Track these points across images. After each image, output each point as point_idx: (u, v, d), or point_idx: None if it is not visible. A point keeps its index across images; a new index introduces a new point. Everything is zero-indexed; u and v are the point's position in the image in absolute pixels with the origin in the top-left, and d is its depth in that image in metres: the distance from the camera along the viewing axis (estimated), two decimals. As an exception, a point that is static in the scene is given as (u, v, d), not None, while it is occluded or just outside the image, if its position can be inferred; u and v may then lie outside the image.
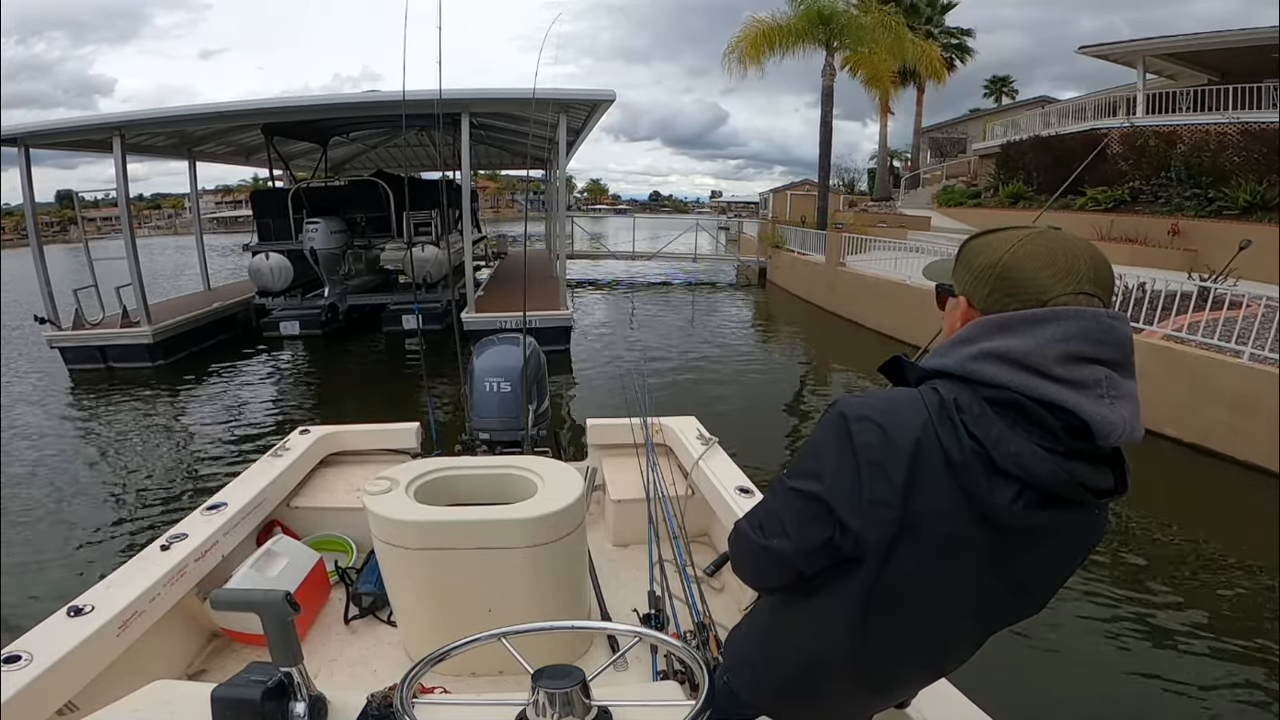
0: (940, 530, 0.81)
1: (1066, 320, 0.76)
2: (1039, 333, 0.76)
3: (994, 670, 1.78)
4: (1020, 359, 0.76)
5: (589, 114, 10.77)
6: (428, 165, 17.39)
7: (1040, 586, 0.92)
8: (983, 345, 0.79)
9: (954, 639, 0.96)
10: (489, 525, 1.85)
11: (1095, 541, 0.91)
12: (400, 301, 10.95)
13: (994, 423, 0.77)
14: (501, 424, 3.11)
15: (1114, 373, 0.77)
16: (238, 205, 55.00)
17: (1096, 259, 0.80)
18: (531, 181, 16.42)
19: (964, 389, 0.80)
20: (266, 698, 0.99)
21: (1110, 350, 0.76)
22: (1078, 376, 0.75)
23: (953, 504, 0.80)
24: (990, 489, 0.77)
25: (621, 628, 1.46)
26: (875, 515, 0.81)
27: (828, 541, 0.86)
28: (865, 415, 0.82)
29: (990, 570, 0.85)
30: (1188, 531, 4.76)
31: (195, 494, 5.26)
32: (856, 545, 0.84)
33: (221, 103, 10.06)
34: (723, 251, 21.55)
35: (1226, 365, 5.78)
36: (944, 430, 0.78)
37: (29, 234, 10.07)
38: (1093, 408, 0.75)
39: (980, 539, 0.81)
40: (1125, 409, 0.76)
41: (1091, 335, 0.76)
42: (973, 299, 0.86)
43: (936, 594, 0.87)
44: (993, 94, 37.05)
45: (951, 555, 0.83)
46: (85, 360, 9.19)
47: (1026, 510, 0.78)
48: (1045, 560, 0.88)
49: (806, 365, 10.51)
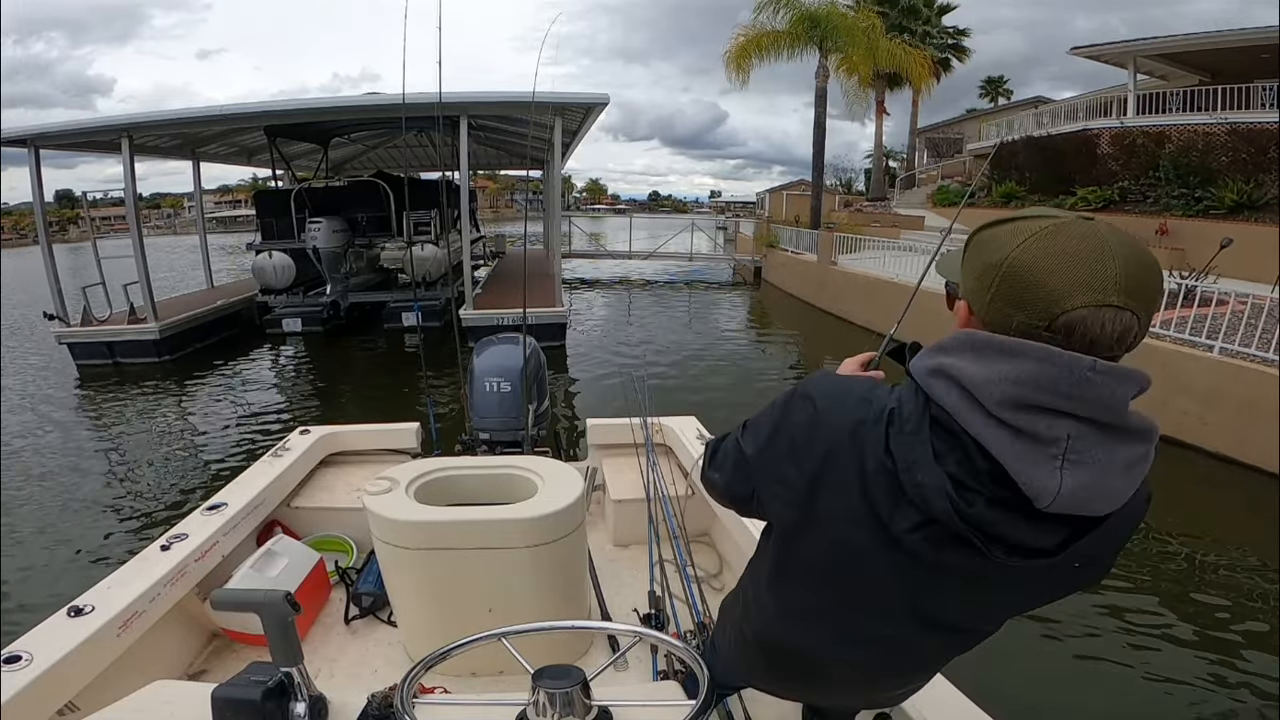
0: (839, 532, 0.79)
1: (1029, 360, 0.63)
2: (998, 366, 0.65)
3: (990, 666, 1.78)
4: (969, 387, 0.67)
5: (584, 116, 10.91)
6: (427, 166, 17.48)
7: (960, 624, 0.86)
8: (945, 360, 0.70)
9: (867, 650, 0.91)
10: (489, 525, 1.85)
11: (1046, 596, 0.82)
12: (400, 299, 11.08)
13: (921, 444, 0.70)
14: (501, 424, 3.11)
15: (1091, 432, 0.64)
16: (237, 205, 55.04)
17: (1134, 259, 0.63)
18: (531, 181, 16.51)
19: (916, 399, 0.73)
20: (267, 698, 0.99)
21: (1088, 407, 0.63)
22: (1026, 426, 0.64)
23: (856, 511, 0.76)
24: (893, 510, 0.73)
25: (621, 628, 1.46)
26: (778, 492, 0.84)
27: (748, 498, 0.91)
28: (809, 394, 0.81)
29: (895, 593, 0.81)
30: (1166, 523, 4.84)
31: (200, 487, 5.35)
32: (768, 515, 0.90)
33: (226, 104, 10.23)
34: (721, 251, 21.61)
35: (1197, 359, 5.98)
36: (871, 435, 0.73)
37: (38, 233, 10.32)
38: (1024, 465, 0.64)
39: (883, 559, 0.78)
40: (1081, 476, 0.63)
41: (1057, 386, 0.62)
42: (973, 306, 0.73)
43: (839, 590, 0.86)
44: (989, 95, 37.14)
45: (852, 562, 0.81)
46: (93, 356, 9.38)
47: (928, 544, 0.72)
48: (958, 598, 0.81)
49: (798, 361, 10.65)
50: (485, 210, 46.53)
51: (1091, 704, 3.05)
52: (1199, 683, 3.15)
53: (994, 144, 19.97)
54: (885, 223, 18.45)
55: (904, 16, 24.53)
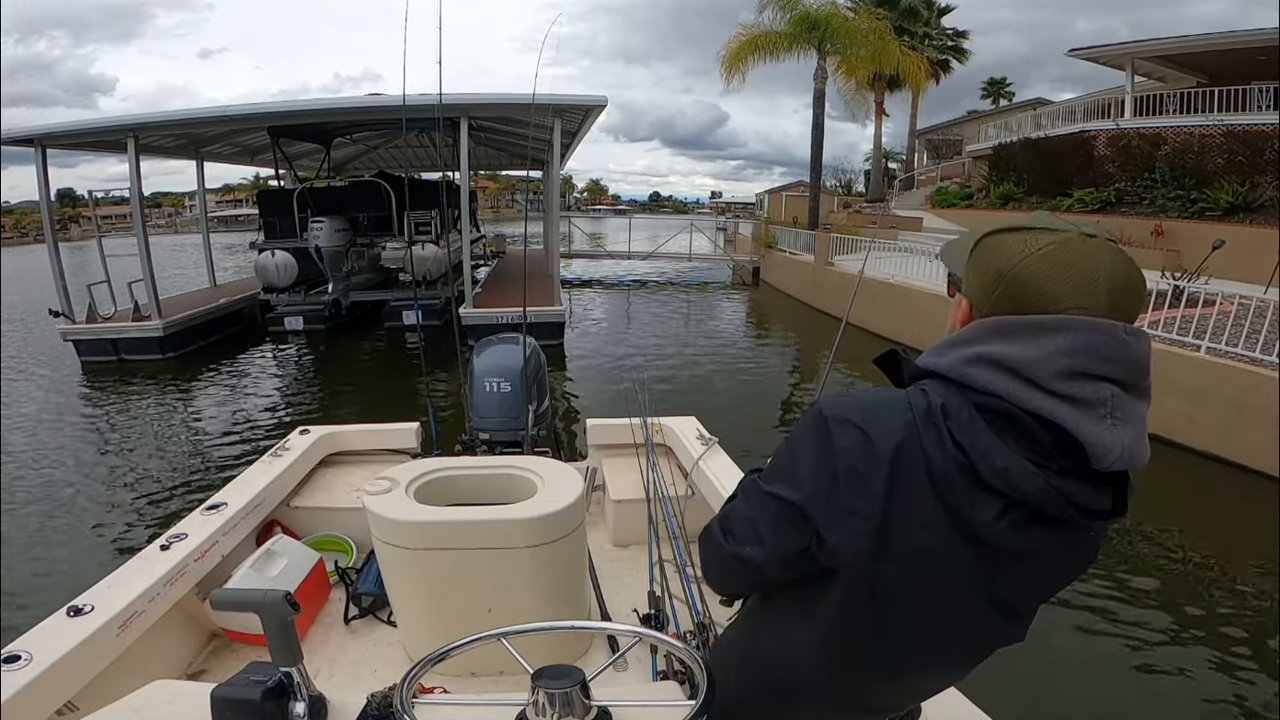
0: (918, 542, 0.76)
1: (1076, 332, 0.69)
2: (1043, 342, 0.70)
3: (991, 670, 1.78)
4: (1018, 368, 0.70)
5: (583, 118, 11.02)
6: (428, 166, 17.52)
7: (1026, 608, 0.87)
8: (979, 349, 0.73)
9: (938, 659, 0.90)
10: (489, 525, 1.85)
11: (1088, 563, 0.86)
12: (401, 298, 11.15)
13: (982, 432, 0.72)
14: (501, 424, 3.11)
15: (1122, 393, 0.70)
16: (238, 204, 55.04)
17: (1121, 275, 0.71)
18: (531, 182, 16.58)
19: (954, 393, 0.74)
20: (266, 697, 0.99)
21: (1121, 369, 0.70)
22: (1079, 393, 0.69)
23: (932, 515, 0.75)
24: (972, 503, 0.73)
25: (621, 628, 1.46)
26: (852, 526, 0.76)
27: (803, 551, 0.81)
28: (846, 417, 0.77)
29: (977, 589, 0.80)
30: (1156, 520, 4.91)
31: (202, 485, 5.40)
32: (833, 557, 0.79)
33: (230, 105, 10.34)
34: (721, 251, 21.63)
35: (1184, 359, 6.05)
36: (928, 436, 0.73)
37: (45, 232, 10.44)
38: (1090, 428, 0.69)
39: (962, 556, 0.76)
40: (1128, 433, 0.70)
41: (1102, 351, 0.69)
42: (976, 305, 0.79)
43: (917, 610, 0.82)
44: (990, 96, 37.17)
45: (930, 570, 0.78)
46: (98, 353, 9.49)
47: (1012, 529, 0.73)
48: (1030, 581, 0.83)
49: (795, 360, 10.71)
50: (486, 210, 46.57)
51: (1093, 703, 3.06)
52: (1190, 680, 3.18)
53: (991, 146, 20.00)
54: (883, 224, 18.44)
55: (903, 19, 24.55)
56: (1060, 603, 3.72)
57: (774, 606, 0.97)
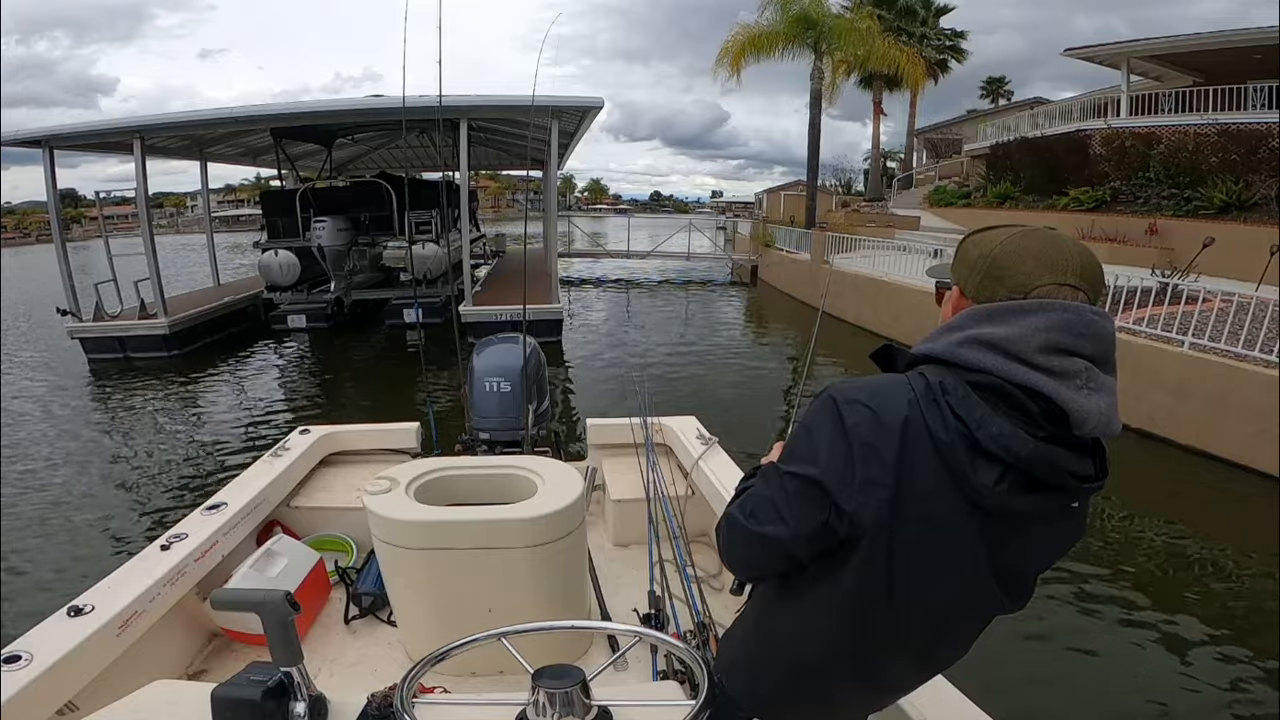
0: (928, 509, 0.83)
1: (1051, 312, 0.79)
2: (1023, 321, 0.80)
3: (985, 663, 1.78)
4: (1004, 346, 0.80)
5: (581, 118, 11.10)
6: (428, 166, 17.53)
7: (1027, 577, 0.93)
8: (969, 332, 0.83)
9: (947, 626, 0.95)
10: (489, 525, 1.85)
11: (1077, 536, 0.93)
12: (402, 296, 11.21)
13: (977, 405, 0.80)
14: (501, 424, 3.11)
15: (1093, 366, 0.80)
16: (239, 204, 55.04)
17: (1084, 255, 0.84)
18: (531, 182, 16.65)
19: (949, 373, 0.83)
20: (266, 697, 0.99)
21: (1091, 344, 0.80)
22: (1057, 366, 0.78)
23: (939, 484, 0.82)
24: (974, 469, 0.80)
25: (621, 628, 1.46)
26: (869, 495, 0.83)
27: (824, 524, 0.87)
28: (854, 399, 0.85)
29: (980, 555, 0.86)
30: (1138, 509, 5.03)
31: (202, 483, 5.45)
32: (851, 526, 0.85)
33: (234, 106, 10.51)
34: (721, 250, 21.63)
35: (1168, 354, 6.21)
36: (930, 411, 0.81)
37: (53, 232, 10.61)
38: (1070, 395, 0.78)
39: (969, 523, 0.83)
40: (1102, 400, 0.79)
41: (1073, 328, 0.79)
42: (965, 288, 0.91)
43: (928, 576, 0.88)
44: (989, 95, 37.13)
45: (941, 535, 0.85)
46: (104, 350, 9.61)
47: (1010, 493, 0.80)
48: (1027, 549, 0.90)
49: (793, 357, 10.74)
50: (486, 210, 46.49)
51: (1089, 701, 3.07)
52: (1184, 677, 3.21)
53: (988, 145, 19.98)
54: (881, 223, 18.46)
55: (901, 18, 24.53)
56: (1053, 575, 3.82)
57: (787, 592, 1.00)
